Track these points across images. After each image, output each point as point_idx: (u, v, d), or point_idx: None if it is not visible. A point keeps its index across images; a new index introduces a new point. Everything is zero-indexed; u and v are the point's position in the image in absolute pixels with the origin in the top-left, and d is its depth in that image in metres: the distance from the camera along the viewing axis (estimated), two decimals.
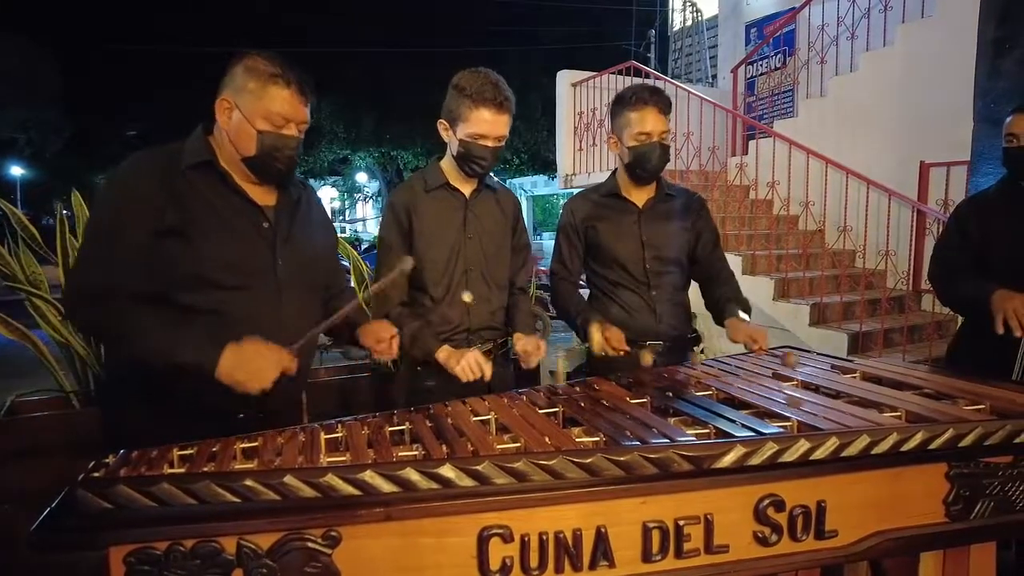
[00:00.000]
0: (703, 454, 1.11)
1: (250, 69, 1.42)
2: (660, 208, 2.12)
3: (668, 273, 2.11)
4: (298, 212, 1.60)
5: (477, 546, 1.05)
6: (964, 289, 2.08)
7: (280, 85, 1.42)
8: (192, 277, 1.41)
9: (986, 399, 1.40)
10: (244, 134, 1.44)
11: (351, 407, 2.73)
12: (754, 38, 8.06)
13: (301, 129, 1.49)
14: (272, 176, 1.50)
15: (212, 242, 1.43)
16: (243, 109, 1.42)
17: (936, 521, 1.23)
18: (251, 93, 1.42)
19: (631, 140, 1.99)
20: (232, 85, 1.43)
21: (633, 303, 2.08)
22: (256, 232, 1.50)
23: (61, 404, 2.45)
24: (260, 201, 1.52)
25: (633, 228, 2.08)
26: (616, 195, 2.11)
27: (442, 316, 1.89)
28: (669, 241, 2.11)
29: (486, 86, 1.76)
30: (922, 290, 4.80)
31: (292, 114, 1.45)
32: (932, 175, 4.88)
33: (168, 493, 0.97)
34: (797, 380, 1.63)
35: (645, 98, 1.97)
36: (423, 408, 1.46)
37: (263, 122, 1.43)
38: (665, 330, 2.08)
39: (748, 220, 5.60)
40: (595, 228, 2.10)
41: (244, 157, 1.46)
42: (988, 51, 3.35)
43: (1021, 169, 2.05)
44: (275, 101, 1.42)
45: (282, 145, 1.45)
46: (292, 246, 1.55)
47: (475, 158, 1.82)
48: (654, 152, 1.99)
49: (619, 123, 2.03)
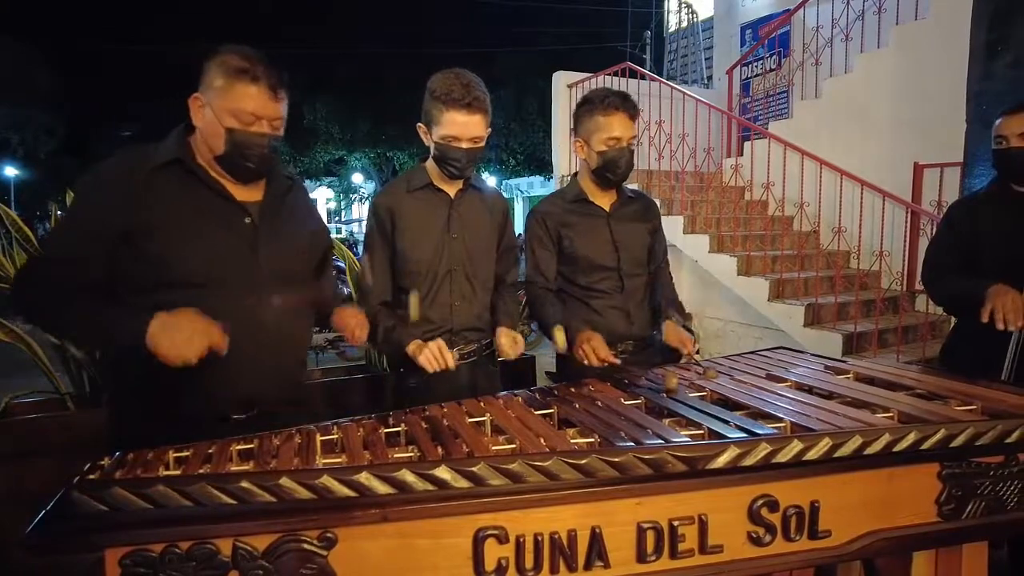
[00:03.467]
0: (697, 455, 1.12)
1: (219, 65, 1.39)
2: (625, 211, 2.13)
3: (639, 275, 2.12)
4: (284, 207, 1.57)
5: (472, 547, 1.05)
6: (957, 288, 2.09)
7: (246, 81, 1.38)
8: (163, 276, 1.39)
9: (977, 399, 1.42)
10: (214, 132, 1.41)
11: (347, 408, 2.73)
12: (749, 39, 8.08)
13: (275, 126, 1.45)
14: (244, 174, 1.46)
15: (183, 240, 1.40)
16: (212, 106, 1.40)
17: (928, 521, 1.24)
18: (219, 90, 1.39)
19: (600, 144, 1.98)
20: (204, 82, 1.41)
21: (606, 306, 2.07)
22: (231, 228, 1.46)
23: (56, 406, 2.45)
24: (242, 197, 1.48)
25: (604, 232, 2.08)
26: (584, 200, 2.10)
27: (423, 315, 1.89)
28: (637, 243, 2.12)
29: (455, 87, 1.75)
30: (916, 291, 4.82)
31: (261, 111, 1.40)
32: (926, 176, 4.90)
33: (164, 495, 0.97)
34: (791, 382, 1.64)
35: (616, 103, 1.96)
36: (418, 409, 1.47)
37: (231, 119, 1.39)
38: (636, 332, 2.09)
39: (743, 221, 5.62)
40: (568, 235, 2.07)
41: (215, 155, 1.43)
42: (980, 53, 3.38)
43: (1011, 170, 2.07)
44: (242, 98, 1.38)
45: (252, 143, 1.41)
46: (277, 241, 1.52)
47: (449, 160, 1.82)
48: (623, 157, 1.99)
49: (587, 127, 2.01)
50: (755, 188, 5.91)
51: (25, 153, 20.60)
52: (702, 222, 5.41)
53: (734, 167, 6.19)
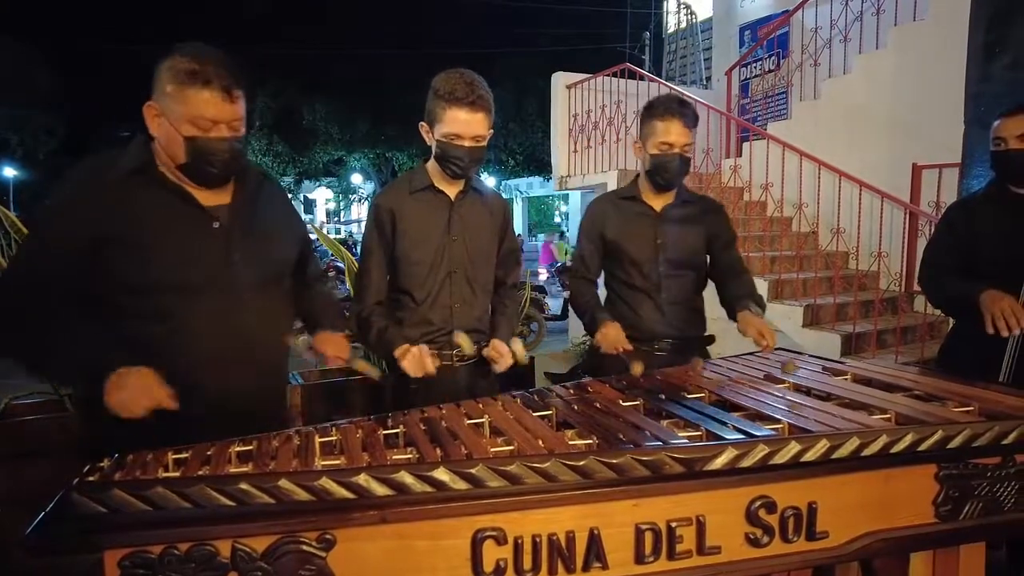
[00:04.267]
0: (695, 456, 1.12)
1: (169, 70, 1.33)
2: (676, 213, 2.17)
3: (680, 276, 2.15)
4: (256, 207, 1.53)
5: (471, 548, 1.06)
6: (953, 289, 2.10)
7: (198, 86, 1.31)
8: (136, 285, 1.37)
9: (975, 401, 1.42)
10: (172, 141, 1.36)
11: (345, 409, 2.74)
12: (748, 40, 8.09)
13: (234, 127, 1.38)
14: (210, 180, 1.42)
15: (152, 248, 1.37)
16: (168, 115, 1.34)
17: (926, 522, 1.24)
18: (171, 97, 1.33)
19: (653, 148, 2.06)
20: (156, 88, 1.35)
21: (641, 304, 2.14)
22: (202, 233, 1.43)
23: (55, 407, 2.45)
24: (208, 202, 1.45)
25: (648, 231, 2.14)
26: (635, 198, 2.18)
27: (424, 318, 1.90)
28: (683, 245, 2.16)
29: (458, 85, 1.76)
30: (915, 291, 4.82)
31: (217, 115, 1.34)
32: (924, 177, 4.91)
33: (163, 496, 0.97)
34: (788, 383, 1.64)
35: (673, 109, 2.03)
36: (417, 411, 1.47)
37: (189, 127, 1.33)
38: (672, 332, 2.12)
39: (742, 222, 5.62)
40: (612, 230, 2.16)
41: (177, 164, 1.39)
42: (978, 55, 3.38)
43: (1008, 172, 2.08)
44: (195, 104, 1.32)
45: (213, 149, 1.36)
46: (250, 243, 1.48)
47: (452, 158, 1.82)
48: (673, 163, 2.04)
49: (645, 130, 2.09)
50: (754, 189, 5.92)
51: (24, 154, 20.58)
52: None
53: (733, 168, 6.20)
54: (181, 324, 1.40)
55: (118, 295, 1.38)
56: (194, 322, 1.40)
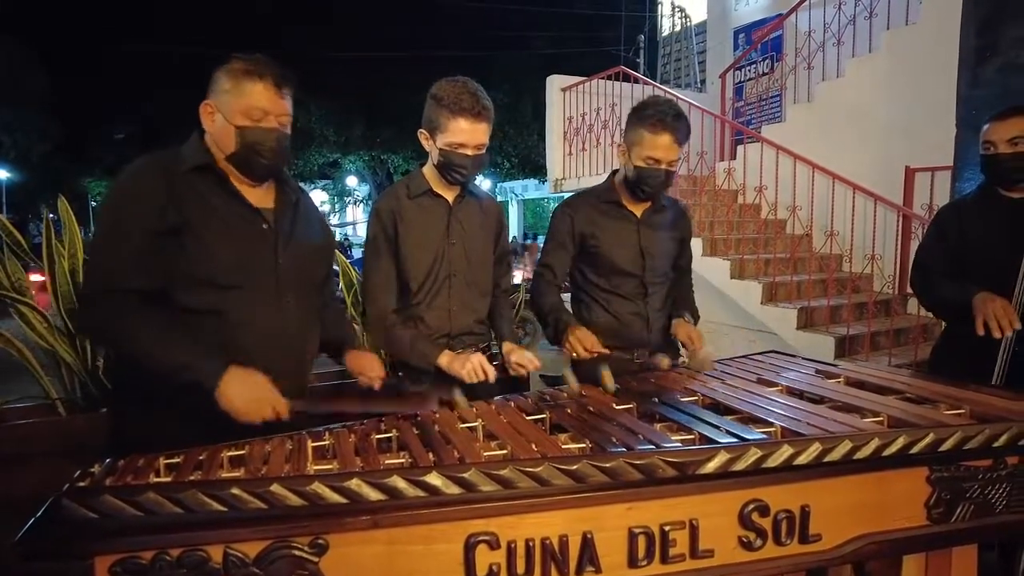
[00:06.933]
0: (688, 460, 1.12)
1: (226, 71, 1.45)
2: (656, 219, 2.12)
3: (663, 284, 2.14)
4: (297, 213, 1.62)
5: (464, 553, 1.06)
6: (945, 292, 2.11)
7: (253, 79, 1.44)
8: (193, 278, 1.43)
9: (966, 403, 1.43)
10: (225, 133, 1.46)
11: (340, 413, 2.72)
12: (742, 43, 8.12)
13: (283, 122, 1.49)
14: (257, 170, 1.50)
15: (212, 243, 1.44)
16: (223, 110, 1.45)
17: (918, 524, 1.25)
18: (227, 92, 1.45)
19: (639, 160, 1.96)
20: (213, 89, 1.47)
21: (626, 312, 2.09)
22: (256, 233, 1.51)
23: (47, 411, 2.43)
24: (257, 204, 1.53)
25: (632, 238, 2.08)
26: (615, 202, 2.10)
27: (422, 321, 1.90)
28: (664, 251, 2.13)
29: (463, 95, 1.76)
30: (908, 294, 4.84)
31: (269, 106, 1.45)
32: (917, 180, 4.93)
33: (154, 502, 0.97)
34: (781, 386, 1.64)
35: (666, 123, 1.90)
36: (410, 415, 1.47)
37: (241, 117, 1.44)
38: (655, 339, 2.10)
39: (736, 225, 5.64)
40: (595, 236, 2.08)
41: (227, 155, 1.47)
42: (970, 58, 3.40)
43: (998, 175, 2.09)
44: (249, 95, 1.44)
45: (262, 138, 1.46)
46: (293, 247, 1.56)
47: (455, 167, 1.83)
48: (658, 178, 1.97)
49: (633, 136, 1.97)
50: (748, 192, 5.94)
51: (17, 155, 20.46)
52: (695, 226, 5.39)
53: (727, 171, 6.21)
54: (224, 322, 1.45)
55: (176, 289, 1.43)
56: (237, 321, 1.46)
